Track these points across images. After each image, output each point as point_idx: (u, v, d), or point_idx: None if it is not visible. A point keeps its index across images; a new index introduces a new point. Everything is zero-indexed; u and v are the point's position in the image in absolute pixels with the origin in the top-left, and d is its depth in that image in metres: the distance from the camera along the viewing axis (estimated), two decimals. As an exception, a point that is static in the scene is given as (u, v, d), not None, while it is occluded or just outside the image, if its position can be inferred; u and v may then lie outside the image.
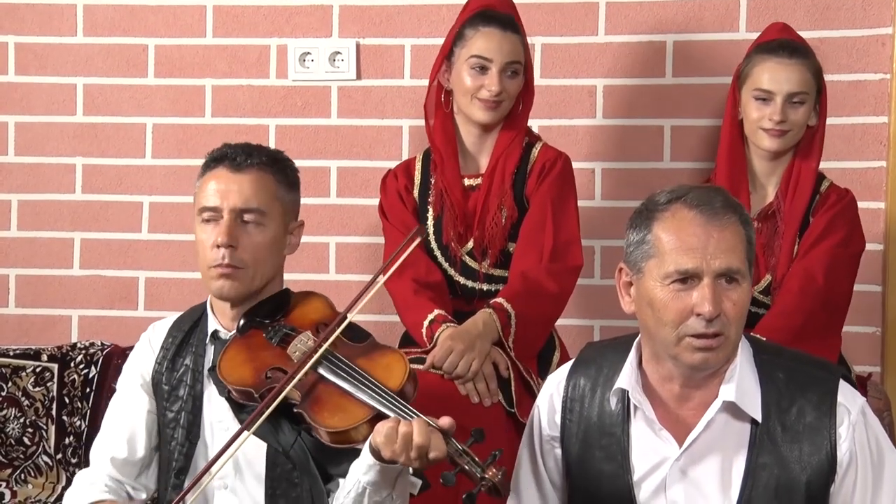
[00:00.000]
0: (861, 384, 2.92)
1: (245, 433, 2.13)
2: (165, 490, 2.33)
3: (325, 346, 2.18)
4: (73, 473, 2.81)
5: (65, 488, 2.97)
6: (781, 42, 2.88)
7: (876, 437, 2.06)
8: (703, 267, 1.98)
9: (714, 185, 2.17)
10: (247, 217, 2.28)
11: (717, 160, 2.98)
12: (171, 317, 2.46)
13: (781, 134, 2.84)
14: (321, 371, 2.19)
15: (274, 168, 2.35)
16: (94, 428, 3.02)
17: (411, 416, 2.05)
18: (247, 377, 2.23)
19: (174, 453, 2.31)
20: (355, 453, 2.12)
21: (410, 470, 2.13)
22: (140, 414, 2.36)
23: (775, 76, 2.83)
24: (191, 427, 2.31)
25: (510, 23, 2.90)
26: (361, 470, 2.08)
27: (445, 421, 2.04)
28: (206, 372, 2.33)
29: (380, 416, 2.09)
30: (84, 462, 3.02)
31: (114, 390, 2.49)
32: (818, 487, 2.02)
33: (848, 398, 2.06)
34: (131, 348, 2.50)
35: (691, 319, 1.99)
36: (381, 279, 2.28)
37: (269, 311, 2.34)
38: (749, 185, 2.91)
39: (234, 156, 2.32)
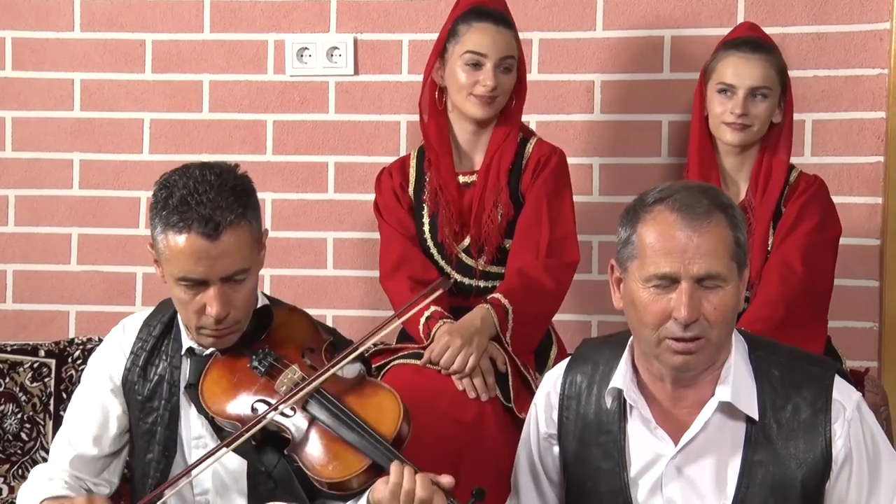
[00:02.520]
0: (858, 379, 2.92)
1: (222, 450, 2.10)
2: (136, 497, 2.29)
3: (312, 387, 2.14)
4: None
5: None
6: (746, 38, 2.92)
7: (872, 433, 2.05)
8: (681, 271, 1.97)
9: (708, 183, 2.14)
10: (235, 278, 2.15)
11: (687, 157, 3.00)
12: (141, 315, 2.39)
13: (743, 128, 2.86)
14: (312, 410, 2.15)
15: (247, 212, 2.15)
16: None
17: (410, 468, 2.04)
18: (232, 409, 2.17)
19: (149, 468, 2.27)
20: None
21: None
22: (110, 415, 2.31)
23: (738, 70, 2.86)
24: (167, 443, 2.26)
25: (503, 18, 2.90)
26: None
27: (446, 479, 2.04)
28: (182, 387, 2.27)
29: (375, 466, 2.08)
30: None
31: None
32: (814, 484, 2.02)
33: (843, 394, 2.06)
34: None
35: (670, 322, 1.98)
36: (385, 329, 2.25)
37: (250, 331, 2.26)
38: (720, 181, 2.92)
39: (204, 217, 2.09)
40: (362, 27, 3.40)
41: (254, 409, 2.16)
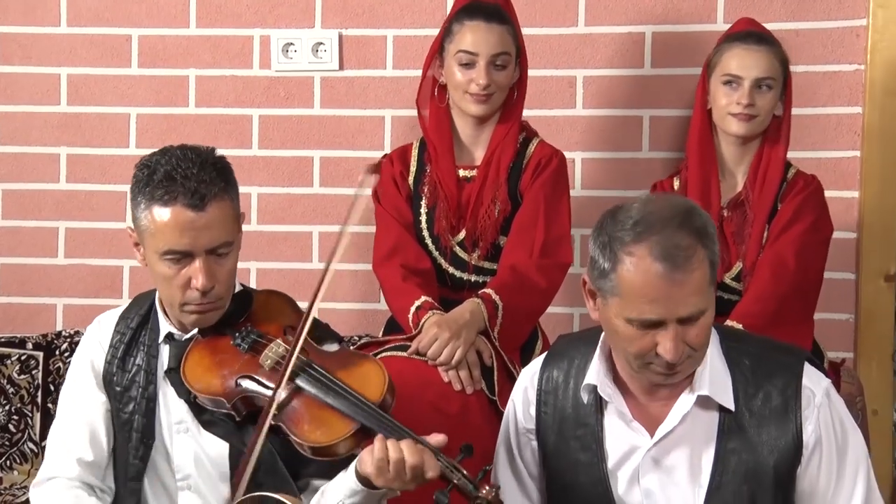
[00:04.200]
0: (834, 370, 2.95)
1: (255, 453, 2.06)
2: (123, 490, 2.28)
3: (296, 352, 2.11)
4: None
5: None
6: (750, 31, 2.93)
7: (840, 419, 2.06)
8: (667, 316, 1.93)
9: (680, 199, 2.06)
10: (219, 251, 2.16)
11: (687, 151, 3.00)
12: (116, 311, 2.38)
13: (749, 118, 2.86)
14: (298, 382, 2.14)
15: (228, 188, 2.18)
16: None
17: (396, 431, 2.02)
18: (216, 385, 2.17)
19: (129, 456, 2.25)
20: None
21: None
22: (97, 411, 2.30)
23: (743, 62, 2.86)
24: (145, 430, 2.24)
25: (496, 13, 2.88)
26: (345, 493, 2.05)
27: (436, 438, 2.03)
28: (160, 373, 2.26)
29: (363, 430, 2.07)
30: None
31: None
32: (785, 469, 2.04)
33: (813, 381, 2.07)
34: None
35: (654, 355, 1.97)
36: (333, 263, 2.21)
37: (231, 313, 2.25)
38: (719, 173, 2.94)
39: (190, 187, 2.11)
40: (347, 23, 3.41)
41: (238, 384, 2.15)
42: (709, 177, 2.92)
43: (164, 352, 2.28)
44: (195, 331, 2.25)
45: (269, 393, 2.11)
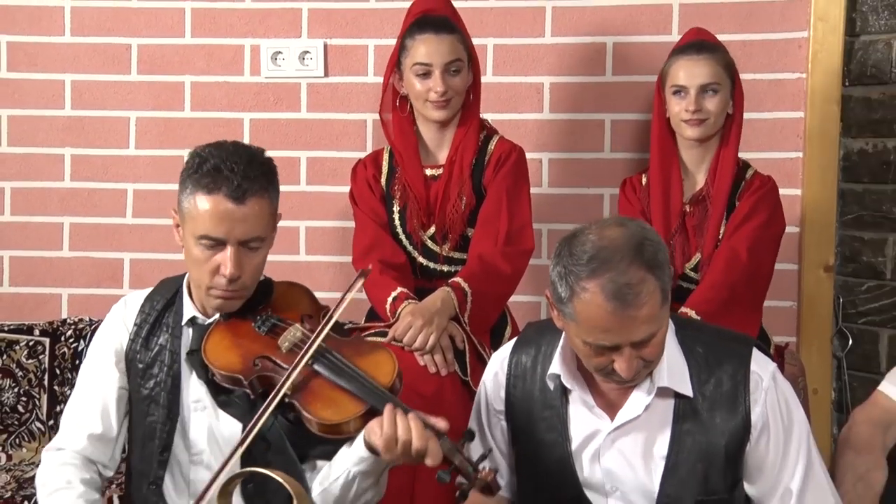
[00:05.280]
0: (779, 353, 2.96)
1: (255, 429, 2.04)
2: (140, 463, 2.26)
3: (320, 339, 2.11)
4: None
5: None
6: (692, 42, 2.94)
7: (786, 400, 2.08)
8: (620, 342, 1.93)
9: (633, 228, 1.97)
10: (250, 244, 2.16)
11: (650, 156, 3.01)
12: (142, 292, 2.36)
13: (700, 123, 2.87)
14: (315, 365, 2.13)
15: (270, 187, 2.19)
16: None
17: (405, 412, 2.00)
18: (235, 363, 2.16)
19: (156, 430, 2.22)
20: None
21: None
22: (111, 389, 2.27)
23: (687, 72, 2.87)
24: (171, 406, 2.22)
25: (444, 24, 2.87)
26: (352, 461, 2.06)
27: (442, 423, 2.01)
28: (183, 354, 2.24)
29: (372, 411, 2.05)
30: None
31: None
32: (735, 448, 2.05)
33: (760, 366, 2.08)
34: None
35: (612, 370, 1.97)
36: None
37: (253, 299, 2.25)
38: (681, 173, 2.95)
39: (234, 181, 2.12)
40: (332, 33, 3.40)
41: (256, 364, 2.15)
42: (670, 178, 2.93)
43: (187, 334, 2.27)
44: (217, 315, 2.25)
45: (285, 373, 2.11)
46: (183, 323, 2.28)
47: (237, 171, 2.13)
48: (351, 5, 3.39)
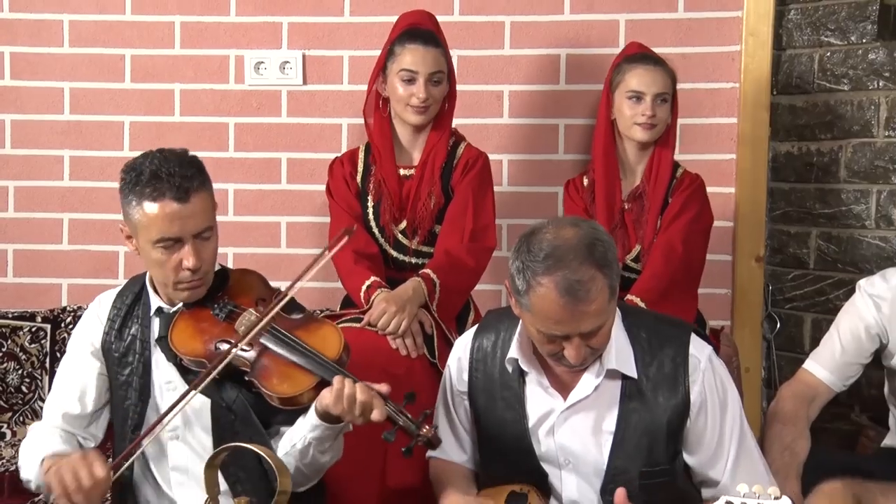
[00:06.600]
0: (715, 336, 2.99)
1: (192, 392, 2.09)
2: (122, 442, 2.26)
3: (267, 319, 2.13)
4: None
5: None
6: (645, 54, 2.96)
7: (721, 380, 2.10)
8: (570, 332, 1.94)
9: (585, 228, 1.97)
10: (203, 235, 2.17)
11: (592, 155, 3.02)
12: (113, 291, 2.36)
13: (651, 127, 2.89)
14: (266, 342, 2.15)
15: (205, 181, 2.19)
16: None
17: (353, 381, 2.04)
18: (198, 349, 2.17)
19: (128, 412, 2.24)
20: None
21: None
22: (90, 375, 2.28)
23: (644, 80, 2.88)
24: (142, 389, 2.24)
25: (432, 38, 2.88)
26: (307, 428, 2.09)
27: (383, 386, 2.06)
28: (153, 341, 2.25)
29: (323, 382, 2.08)
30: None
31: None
32: (676, 425, 2.07)
33: (698, 349, 2.09)
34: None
35: (562, 356, 1.99)
36: (316, 266, 2.20)
37: (211, 287, 2.25)
38: (621, 173, 2.97)
39: (175, 183, 2.11)
40: (310, 45, 3.39)
41: (217, 348, 2.16)
42: (612, 177, 2.94)
43: (155, 323, 2.27)
44: (180, 304, 2.24)
45: (245, 355, 2.14)
46: (151, 313, 2.28)
47: (175, 173, 2.12)
48: (327, 19, 3.38)
